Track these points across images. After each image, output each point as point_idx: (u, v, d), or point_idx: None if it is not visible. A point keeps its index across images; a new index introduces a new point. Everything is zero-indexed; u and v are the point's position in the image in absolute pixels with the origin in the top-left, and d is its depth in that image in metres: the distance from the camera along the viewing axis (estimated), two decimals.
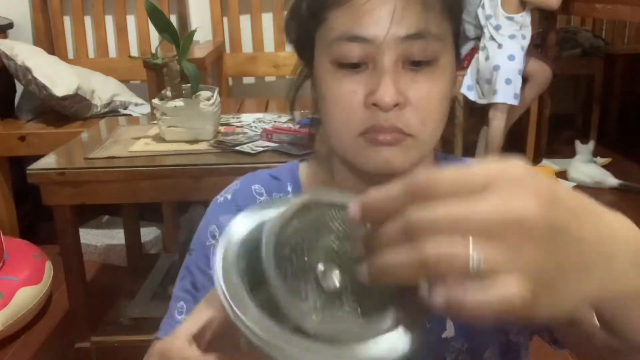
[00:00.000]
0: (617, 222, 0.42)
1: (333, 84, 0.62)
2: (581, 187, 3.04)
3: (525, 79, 2.93)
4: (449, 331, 0.69)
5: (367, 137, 0.62)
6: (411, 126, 0.61)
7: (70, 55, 2.93)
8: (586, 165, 3.08)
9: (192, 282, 0.74)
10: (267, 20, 2.97)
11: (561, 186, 0.38)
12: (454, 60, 0.65)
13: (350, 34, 0.60)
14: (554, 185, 0.36)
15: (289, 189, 0.76)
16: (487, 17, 2.90)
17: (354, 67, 0.61)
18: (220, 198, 0.77)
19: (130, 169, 1.54)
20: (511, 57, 2.84)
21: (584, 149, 3.17)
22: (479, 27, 2.96)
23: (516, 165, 0.36)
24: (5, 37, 2.72)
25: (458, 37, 0.66)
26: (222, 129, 1.73)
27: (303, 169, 0.78)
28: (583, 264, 0.37)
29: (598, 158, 3.25)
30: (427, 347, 0.69)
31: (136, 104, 2.66)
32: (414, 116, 0.61)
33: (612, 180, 2.99)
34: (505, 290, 0.33)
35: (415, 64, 0.61)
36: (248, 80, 3.14)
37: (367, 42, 0.60)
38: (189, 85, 1.61)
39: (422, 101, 0.61)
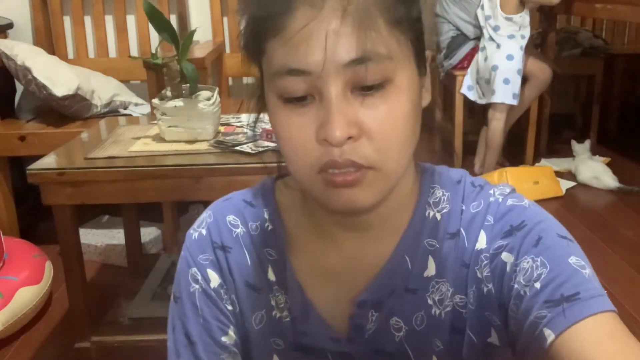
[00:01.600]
0: None
1: (282, 120, 0.58)
2: (583, 186, 3.04)
3: (525, 79, 2.94)
4: None
5: (325, 176, 0.57)
6: (369, 158, 0.56)
7: (70, 55, 2.93)
8: (592, 162, 3.09)
9: (185, 334, 0.70)
10: None
11: None
12: (415, 72, 0.59)
13: (288, 68, 0.55)
14: None
15: (266, 216, 0.70)
16: (487, 18, 2.90)
17: (301, 100, 0.56)
18: (194, 234, 0.71)
19: (130, 169, 1.54)
20: (510, 57, 2.84)
21: (581, 149, 3.18)
22: (479, 28, 2.96)
23: None
24: (5, 37, 2.72)
25: (419, 46, 0.60)
26: (222, 129, 1.73)
27: (281, 190, 0.72)
28: None
29: (597, 157, 3.25)
30: None
31: (136, 104, 2.66)
32: (371, 146, 0.55)
33: (610, 182, 2.99)
34: None
35: (366, 89, 0.55)
36: (248, 80, 3.14)
37: (308, 74, 0.54)
38: (189, 85, 1.61)
39: (378, 128, 0.55)
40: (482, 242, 0.64)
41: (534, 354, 0.57)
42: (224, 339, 0.69)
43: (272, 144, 1.61)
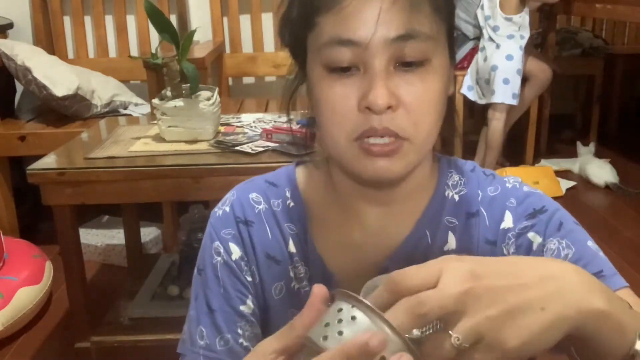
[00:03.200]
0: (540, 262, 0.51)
1: (325, 88, 0.62)
2: (583, 186, 3.04)
3: (525, 79, 2.94)
4: None
5: (362, 144, 0.61)
6: (405, 129, 0.61)
7: (70, 55, 2.94)
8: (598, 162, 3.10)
9: (207, 303, 0.73)
10: (267, 20, 2.97)
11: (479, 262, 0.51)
12: (448, 59, 0.65)
13: (339, 38, 0.60)
14: (474, 265, 0.49)
15: (288, 194, 0.75)
16: (486, 18, 2.90)
17: (345, 70, 0.61)
18: (218, 211, 0.76)
19: (130, 169, 1.54)
20: (509, 57, 2.84)
21: (585, 151, 3.18)
22: (479, 28, 2.96)
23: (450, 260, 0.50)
24: (5, 37, 2.72)
25: (452, 37, 0.65)
26: (222, 129, 1.73)
27: (300, 173, 0.77)
28: (525, 303, 0.47)
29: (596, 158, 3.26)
30: None
31: (136, 104, 2.66)
32: (407, 118, 0.60)
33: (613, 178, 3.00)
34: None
35: (407, 65, 0.60)
36: (248, 80, 3.14)
37: (357, 45, 0.59)
38: (189, 85, 1.61)
39: (415, 103, 0.60)
40: (508, 222, 0.70)
41: None
42: (242, 308, 0.73)
43: (272, 144, 1.62)
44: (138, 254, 2.23)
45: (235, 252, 0.73)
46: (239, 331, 0.72)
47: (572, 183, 3.05)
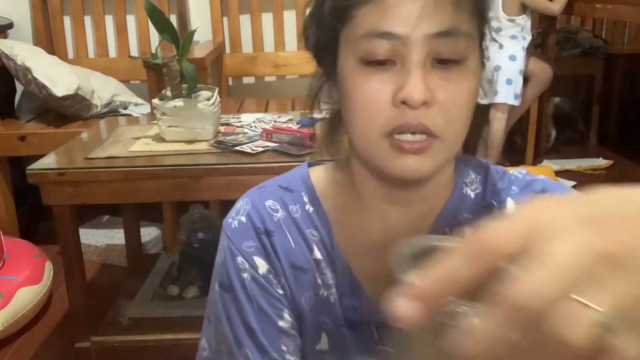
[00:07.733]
0: None
1: (360, 82, 0.61)
2: (584, 185, 3.04)
3: (525, 79, 2.94)
4: None
5: (392, 141, 0.60)
6: (439, 126, 0.60)
7: (70, 55, 2.93)
8: None
9: (243, 323, 0.69)
10: (267, 20, 2.97)
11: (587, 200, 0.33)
12: (479, 62, 0.64)
13: (378, 30, 0.59)
14: (587, 205, 0.32)
15: (305, 199, 0.72)
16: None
17: (381, 64, 0.60)
18: (233, 222, 0.71)
19: (130, 169, 1.54)
20: (512, 58, 2.84)
21: None
22: None
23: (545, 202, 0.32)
24: (5, 37, 2.72)
25: (484, 39, 0.65)
26: (222, 129, 1.73)
27: (315, 175, 0.74)
28: None
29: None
30: None
31: (136, 104, 2.66)
32: (441, 116, 0.60)
33: None
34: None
35: (444, 63, 0.59)
36: (248, 80, 3.14)
37: (396, 38, 0.58)
38: (187, 85, 1.61)
39: (449, 101, 0.60)
40: (510, 209, 0.71)
41: None
42: (280, 323, 0.70)
43: (272, 144, 1.62)
44: (138, 254, 2.23)
45: (262, 266, 0.70)
46: (283, 347, 0.70)
47: (572, 182, 3.05)
